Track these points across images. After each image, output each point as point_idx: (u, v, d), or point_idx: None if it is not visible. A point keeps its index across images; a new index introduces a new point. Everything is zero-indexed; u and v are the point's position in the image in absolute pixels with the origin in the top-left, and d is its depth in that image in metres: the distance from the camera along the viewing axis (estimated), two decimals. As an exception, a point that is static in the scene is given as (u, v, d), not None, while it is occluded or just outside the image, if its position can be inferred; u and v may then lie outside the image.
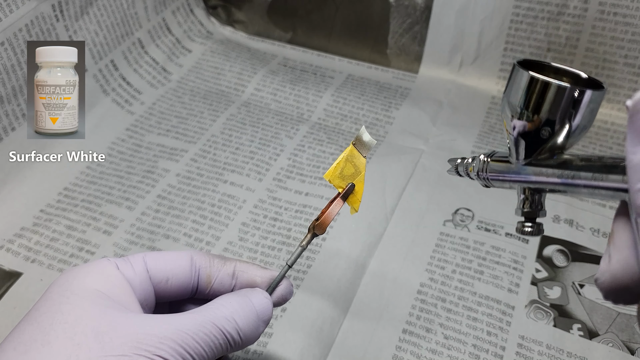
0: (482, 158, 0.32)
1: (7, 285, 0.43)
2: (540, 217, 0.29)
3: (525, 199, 0.29)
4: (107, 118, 0.59)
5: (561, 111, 0.26)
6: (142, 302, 0.28)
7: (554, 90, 0.25)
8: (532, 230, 0.29)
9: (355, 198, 0.32)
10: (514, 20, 0.61)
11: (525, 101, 0.26)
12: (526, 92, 0.26)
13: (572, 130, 0.26)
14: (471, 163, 0.32)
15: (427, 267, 0.46)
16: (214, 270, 0.31)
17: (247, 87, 0.65)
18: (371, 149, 0.33)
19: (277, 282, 0.32)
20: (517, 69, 0.27)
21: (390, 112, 0.61)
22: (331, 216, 0.32)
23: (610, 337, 0.41)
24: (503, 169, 0.30)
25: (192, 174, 0.54)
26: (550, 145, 0.27)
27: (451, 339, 0.41)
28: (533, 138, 0.27)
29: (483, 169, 0.31)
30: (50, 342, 0.24)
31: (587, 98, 0.25)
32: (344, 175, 0.32)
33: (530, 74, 0.26)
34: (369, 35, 0.68)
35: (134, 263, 0.29)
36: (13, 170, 0.51)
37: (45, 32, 0.53)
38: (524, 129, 0.27)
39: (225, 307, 0.28)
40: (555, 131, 0.26)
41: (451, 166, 0.35)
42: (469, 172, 0.33)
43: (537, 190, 0.29)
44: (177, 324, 0.26)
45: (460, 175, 0.34)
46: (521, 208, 0.29)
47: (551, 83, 0.25)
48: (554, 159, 0.27)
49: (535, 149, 0.27)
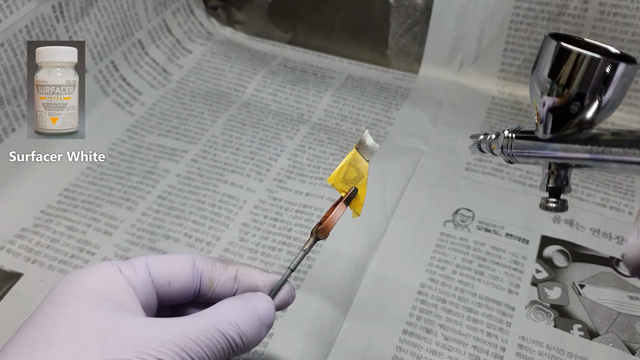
0: (506, 134, 0.31)
1: (8, 286, 0.43)
2: (565, 192, 0.28)
3: (550, 174, 0.28)
4: (107, 119, 0.59)
5: (592, 85, 0.25)
6: (145, 306, 0.28)
7: (587, 63, 0.25)
8: (557, 206, 0.28)
9: (358, 202, 0.32)
10: (514, 21, 0.61)
11: (556, 73, 0.26)
12: (557, 64, 0.25)
13: (602, 105, 0.25)
14: (495, 139, 0.31)
15: (428, 268, 0.46)
16: (216, 273, 0.31)
17: (247, 87, 0.65)
18: (374, 153, 0.33)
19: (280, 286, 0.32)
20: (548, 41, 0.26)
21: (390, 113, 0.61)
22: (334, 221, 0.32)
23: (611, 337, 0.41)
24: (529, 145, 0.29)
25: (192, 175, 0.54)
26: (578, 120, 0.26)
27: (451, 340, 0.41)
28: (562, 112, 0.26)
29: (508, 145, 0.30)
30: (53, 344, 0.24)
31: (620, 72, 0.25)
32: (347, 179, 0.32)
33: (562, 45, 0.25)
34: (369, 36, 0.68)
35: (137, 266, 0.29)
36: (13, 170, 0.51)
37: (46, 33, 0.53)
38: (553, 104, 0.26)
39: (228, 311, 0.28)
40: (585, 105, 0.25)
41: (473, 142, 0.34)
42: (492, 148, 0.32)
43: (563, 166, 0.28)
44: (179, 328, 0.26)
45: (482, 152, 0.33)
46: (546, 183, 0.28)
47: (584, 54, 0.25)
48: (582, 133, 0.26)
49: (563, 123, 0.27)
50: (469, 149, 0.34)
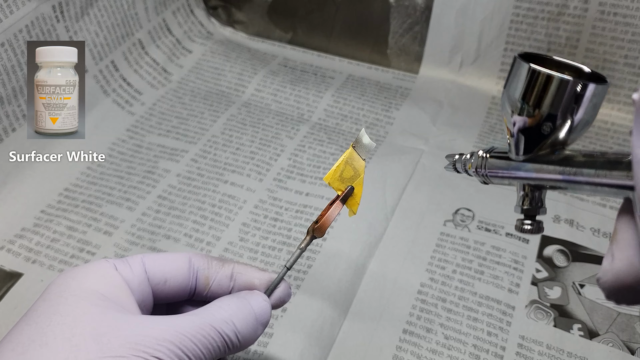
0: (480, 154, 0.31)
1: (8, 286, 0.43)
2: (540, 214, 0.28)
3: (525, 196, 0.28)
4: (107, 119, 0.59)
5: (563, 105, 0.25)
6: (140, 303, 0.28)
7: (557, 84, 0.25)
8: (532, 228, 0.28)
9: (354, 201, 0.32)
10: (514, 21, 0.61)
11: (526, 95, 0.26)
12: (527, 85, 0.25)
13: (574, 125, 0.25)
14: (469, 159, 0.31)
15: (428, 267, 0.46)
16: (212, 272, 0.31)
17: (247, 87, 0.65)
18: (371, 152, 0.32)
19: (276, 284, 0.31)
20: (518, 62, 0.26)
21: (390, 113, 0.61)
22: (330, 219, 0.32)
23: (611, 337, 0.41)
24: (502, 165, 0.29)
25: (192, 175, 0.54)
26: (551, 140, 0.26)
27: (451, 339, 0.41)
28: (534, 133, 0.26)
29: (482, 165, 0.30)
30: (48, 343, 0.24)
31: (590, 92, 0.24)
32: (344, 177, 0.32)
33: (531, 67, 0.25)
34: (369, 36, 0.68)
35: (133, 264, 0.29)
36: (14, 170, 0.51)
37: (46, 33, 0.53)
38: (524, 124, 0.26)
39: (224, 309, 0.28)
40: (557, 126, 0.25)
41: (449, 162, 0.34)
42: (467, 168, 0.32)
43: (537, 187, 0.28)
44: (175, 326, 0.26)
45: (458, 172, 0.33)
46: (521, 205, 0.28)
47: (553, 76, 0.25)
48: (555, 154, 0.26)
49: (536, 144, 0.26)
50: (444, 168, 0.34)
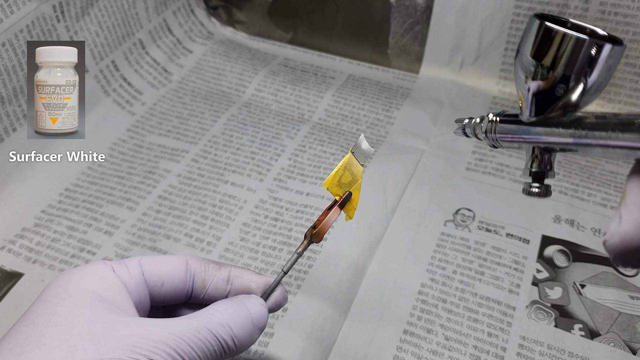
0: (490, 117, 0.30)
1: (9, 286, 0.43)
2: (549, 177, 0.28)
3: (534, 158, 0.27)
4: (108, 119, 0.59)
5: (578, 66, 0.24)
6: (138, 305, 0.28)
7: (572, 43, 0.24)
8: (540, 191, 0.27)
9: (351, 206, 0.33)
10: (514, 20, 0.61)
11: (541, 54, 0.25)
12: (542, 44, 0.25)
13: (587, 87, 0.25)
14: (479, 124, 0.31)
15: (428, 268, 0.46)
16: (209, 275, 0.31)
17: (248, 87, 0.65)
18: (369, 158, 0.32)
19: (273, 288, 0.31)
20: (532, 21, 0.25)
21: (391, 112, 0.61)
22: (328, 225, 0.32)
23: (612, 337, 0.41)
24: (512, 128, 0.28)
25: (193, 175, 0.54)
26: (563, 102, 0.25)
27: (452, 340, 0.41)
28: (547, 95, 0.25)
29: (492, 129, 0.30)
30: (45, 343, 0.24)
31: (605, 53, 0.24)
32: (342, 183, 0.32)
33: (547, 25, 0.25)
34: (370, 36, 0.68)
35: (130, 266, 0.29)
36: (14, 170, 0.51)
37: (46, 33, 0.53)
38: (537, 85, 0.25)
39: (221, 313, 0.28)
40: (571, 87, 0.25)
41: (458, 127, 0.33)
42: (476, 133, 0.31)
43: (547, 150, 0.27)
44: (172, 329, 0.26)
45: (467, 136, 0.32)
46: (529, 167, 0.28)
47: (569, 34, 0.24)
48: (566, 116, 0.25)
49: (548, 106, 0.26)
50: (454, 132, 0.33)
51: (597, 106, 0.60)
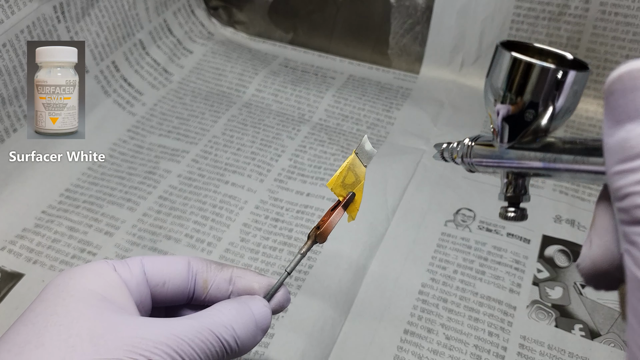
0: (466, 142, 0.31)
1: (9, 287, 0.43)
2: (523, 201, 0.28)
3: (508, 184, 0.28)
4: (108, 119, 0.59)
5: (545, 93, 0.25)
6: (139, 305, 0.28)
7: (537, 72, 0.25)
8: (516, 215, 0.28)
9: (354, 207, 0.33)
10: (515, 21, 0.61)
11: (508, 83, 0.26)
12: (509, 73, 0.26)
13: (556, 112, 0.26)
14: (456, 148, 0.32)
15: (429, 268, 0.46)
16: (211, 275, 0.31)
17: (248, 88, 0.65)
18: (372, 159, 0.33)
19: (276, 289, 0.31)
20: (500, 50, 0.26)
21: (391, 113, 0.61)
22: (332, 225, 0.32)
23: (612, 337, 0.41)
24: (487, 153, 0.29)
25: (193, 175, 0.54)
26: (534, 128, 0.26)
27: (453, 340, 0.41)
28: (517, 121, 0.26)
29: (467, 153, 0.31)
30: (44, 343, 0.24)
31: (570, 79, 0.25)
32: (346, 184, 0.32)
33: (513, 55, 0.25)
34: (370, 36, 0.68)
35: (132, 265, 0.29)
36: (15, 171, 0.51)
37: (47, 34, 0.53)
38: (507, 112, 0.26)
39: (224, 313, 0.28)
40: (539, 113, 0.26)
41: (437, 151, 0.34)
42: (453, 157, 0.32)
43: (520, 175, 0.28)
44: (173, 329, 0.25)
45: (445, 161, 0.33)
46: (504, 193, 0.28)
47: (534, 64, 0.25)
48: (537, 142, 0.26)
49: (518, 132, 0.27)
50: (433, 157, 0.34)
51: (598, 106, 0.60)
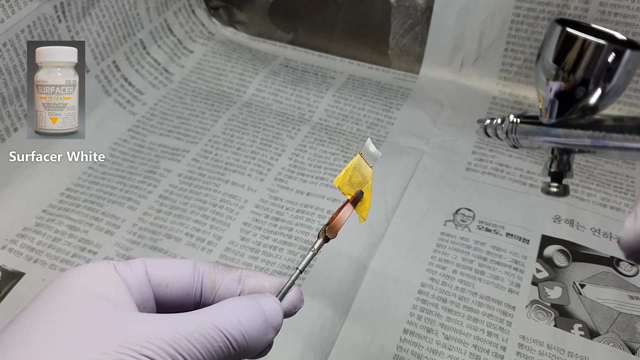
0: (511, 119, 0.31)
1: (10, 286, 0.43)
2: (567, 177, 0.28)
3: (553, 158, 0.28)
4: (109, 118, 0.59)
5: (597, 70, 0.25)
6: (140, 305, 0.27)
7: (592, 48, 0.25)
8: (558, 190, 0.28)
9: (364, 207, 0.33)
10: (514, 21, 0.61)
11: (562, 59, 0.26)
12: (563, 49, 0.26)
13: (606, 91, 0.26)
14: (500, 124, 0.32)
15: (428, 267, 0.46)
16: (219, 275, 0.29)
17: (248, 87, 0.65)
18: (377, 160, 0.33)
19: (288, 287, 0.29)
20: (554, 26, 0.26)
21: (391, 113, 0.62)
22: (343, 220, 0.32)
23: (611, 336, 0.41)
24: (532, 129, 0.29)
25: (193, 174, 0.54)
26: (582, 105, 0.26)
27: (452, 339, 0.41)
28: (567, 97, 0.26)
29: (512, 129, 0.31)
30: (29, 340, 0.23)
31: (624, 58, 0.25)
32: (353, 182, 0.33)
33: (567, 31, 0.25)
34: (370, 36, 0.68)
35: (133, 265, 0.28)
36: (15, 170, 0.51)
37: (48, 33, 0.53)
38: (559, 88, 0.26)
39: (230, 308, 0.26)
40: (590, 91, 0.26)
41: (479, 127, 0.34)
42: (497, 133, 0.32)
43: (565, 150, 0.28)
44: (170, 324, 0.24)
45: (488, 136, 0.33)
46: (548, 168, 0.29)
47: (590, 40, 0.25)
48: (585, 118, 0.26)
49: (567, 108, 0.27)
50: (475, 132, 0.35)
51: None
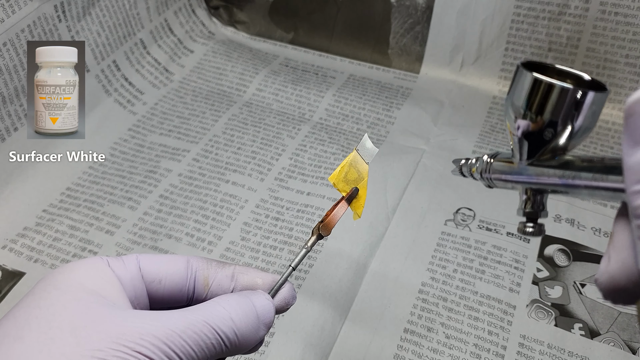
0: (485, 159, 0.32)
1: (10, 285, 0.43)
2: (541, 217, 0.29)
3: (527, 199, 0.29)
4: (109, 118, 0.59)
5: (564, 112, 0.26)
6: (134, 301, 0.27)
7: (557, 92, 0.26)
8: (534, 230, 0.29)
9: (359, 203, 0.33)
10: (515, 20, 0.61)
11: (529, 102, 0.27)
12: (530, 93, 0.27)
13: (574, 132, 0.26)
14: (475, 164, 0.33)
15: (429, 267, 0.46)
16: (212, 272, 0.30)
17: (248, 87, 0.65)
18: (373, 157, 0.33)
19: (280, 284, 0.30)
20: (520, 71, 0.27)
21: (391, 112, 0.62)
22: (337, 218, 0.32)
23: (612, 336, 0.41)
24: (506, 169, 0.30)
25: (194, 174, 0.54)
26: (552, 146, 0.27)
27: (452, 339, 0.41)
28: (536, 139, 0.27)
29: (486, 169, 0.32)
30: (23, 336, 0.23)
31: (589, 100, 0.26)
32: (348, 179, 0.32)
33: (534, 76, 0.26)
34: (371, 36, 0.68)
35: (126, 261, 0.28)
36: (15, 170, 0.51)
37: (48, 33, 0.53)
38: (527, 129, 0.27)
39: (222, 305, 0.27)
40: (558, 132, 0.27)
41: (455, 167, 0.35)
42: (472, 172, 0.33)
43: (539, 191, 0.29)
44: (164, 321, 0.24)
45: (464, 176, 0.35)
46: (523, 208, 0.30)
47: (554, 84, 0.26)
48: (555, 159, 0.27)
49: (537, 149, 0.28)
50: (452, 172, 0.36)
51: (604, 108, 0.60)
